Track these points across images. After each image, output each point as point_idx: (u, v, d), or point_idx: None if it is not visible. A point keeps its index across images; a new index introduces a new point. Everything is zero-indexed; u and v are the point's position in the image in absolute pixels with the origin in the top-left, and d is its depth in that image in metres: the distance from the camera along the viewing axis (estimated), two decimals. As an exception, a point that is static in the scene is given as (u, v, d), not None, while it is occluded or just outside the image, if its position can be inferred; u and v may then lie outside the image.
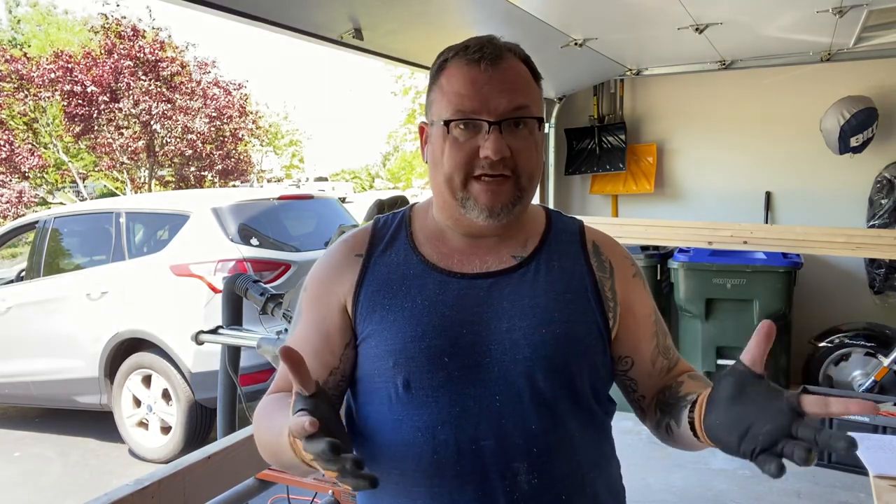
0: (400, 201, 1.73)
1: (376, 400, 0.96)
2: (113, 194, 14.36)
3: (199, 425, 4.24)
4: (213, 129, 14.60)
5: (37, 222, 5.01)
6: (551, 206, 4.20)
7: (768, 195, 4.10)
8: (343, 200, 5.61)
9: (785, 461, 0.70)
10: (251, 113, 16.43)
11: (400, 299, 0.96)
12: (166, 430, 4.31)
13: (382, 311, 0.96)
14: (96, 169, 15.64)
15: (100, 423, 4.67)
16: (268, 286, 2.09)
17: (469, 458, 0.90)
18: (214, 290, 4.00)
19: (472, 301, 0.95)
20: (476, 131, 0.92)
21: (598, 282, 0.99)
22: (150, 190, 14.37)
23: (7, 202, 13.69)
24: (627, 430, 2.35)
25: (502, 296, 0.95)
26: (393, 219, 1.06)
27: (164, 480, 1.13)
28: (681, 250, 3.65)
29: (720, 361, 3.54)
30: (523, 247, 1.00)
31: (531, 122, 0.94)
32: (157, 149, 14.19)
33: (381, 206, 1.75)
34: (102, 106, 13.20)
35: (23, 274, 5.00)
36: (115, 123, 13.56)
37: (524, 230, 1.02)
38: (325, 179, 35.27)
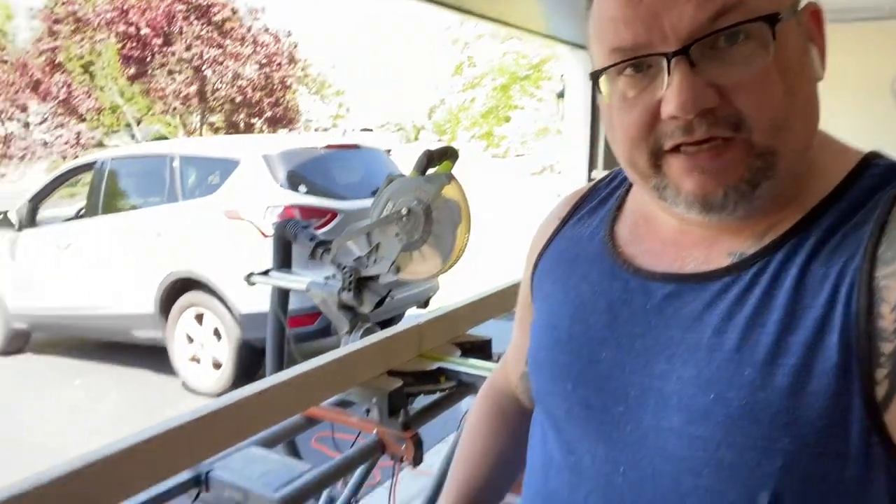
0: (449, 152, 1.73)
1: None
2: (166, 139, 14.70)
3: (248, 363, 4.42)
4: (262, 76, 14.71)
5: (95, 162, 5.17)
6: (600, 171, 3.52)
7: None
8: (388, 152, 5.61)
9: None
10: (300, 60, 16.46)
11: (559, 286, 0.70)
12: (217, 365, 4.51)
13: (542, 297, 0.73)
14: (150, 113, 15.99)
15: (155, 356, 4.91)
16: (316, 232, 2.13)
17: None
18: (264, 234, 4.10)
19: (632, 313, 0.61)
20: (653, 75, 0.54)
21: (875, 299, 0.49)
22: (201, 135, 14.65)
23: (66, 143, 14.17)
24: None
25: (677, 317, 0.58)
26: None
27: (221, 411, 1.19)
28: None
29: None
30: (757, 237, 0.57)
31: (757, 28, 0.51)
32: (208, 95, 14.39)
33: (430, 157, 1.75)
34: (156, 49, 13.42)
35: (82, 212, 5.21)
36: (167, 68, 13.79)
37: (784, 205, 0.57)
38: (371, 130, 35.27)
